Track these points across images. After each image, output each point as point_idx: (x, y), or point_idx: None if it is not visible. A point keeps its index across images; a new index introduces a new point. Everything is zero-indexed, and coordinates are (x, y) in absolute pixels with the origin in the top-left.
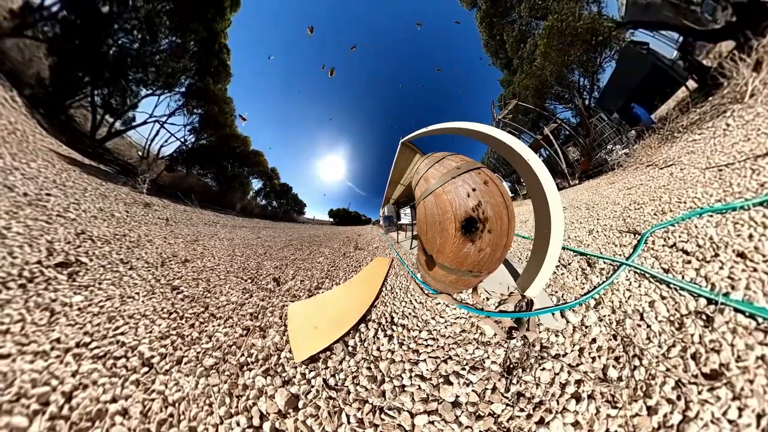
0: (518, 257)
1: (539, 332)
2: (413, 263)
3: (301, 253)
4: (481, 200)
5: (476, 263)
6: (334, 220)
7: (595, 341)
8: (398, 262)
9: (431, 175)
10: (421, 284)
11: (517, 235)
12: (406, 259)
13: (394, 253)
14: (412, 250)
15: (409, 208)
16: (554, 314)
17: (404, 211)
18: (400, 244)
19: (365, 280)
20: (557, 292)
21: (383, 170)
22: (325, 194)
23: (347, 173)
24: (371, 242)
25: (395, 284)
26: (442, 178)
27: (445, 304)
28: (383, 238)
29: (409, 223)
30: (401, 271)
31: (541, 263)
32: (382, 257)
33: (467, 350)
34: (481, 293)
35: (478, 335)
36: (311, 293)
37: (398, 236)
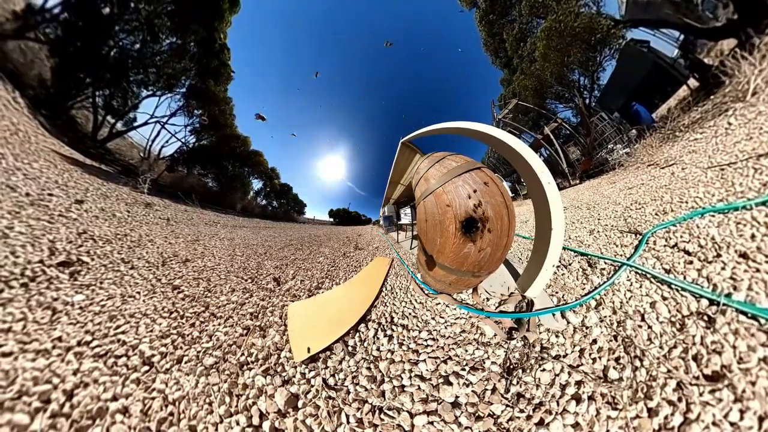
0: (518, 257)
1: (539, 333)
2: (413, 263)
3: (301, 252)
4: (481, 200)
5: (476, 263)
6: (334, 220)
7: (595, 342)
8: (398, 262)
9: (431, 175)
10: (421, 284)
11: (517, 235)
12: (406, 259)
13: (394, 253)
14: (412, 250)
15: (409, 208)
16: (555, 315)
17: (404, 211)
18: (400, 244)
19: (365, 280)
20: (558, 292)
21: (383, 170)
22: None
23: (347, 173)
24: (371, 242)
25: (395, 284)
26: (442, 178)
27: (445, 304)
28: (383, 238)
29: (409, 223)
30: (401, 271)
31: (541, 263)
32: (382, 257)
33: (467, 351)
34: (481, 293)
35: (478, 336)
36: (311, 293)
37: (398, 236)
